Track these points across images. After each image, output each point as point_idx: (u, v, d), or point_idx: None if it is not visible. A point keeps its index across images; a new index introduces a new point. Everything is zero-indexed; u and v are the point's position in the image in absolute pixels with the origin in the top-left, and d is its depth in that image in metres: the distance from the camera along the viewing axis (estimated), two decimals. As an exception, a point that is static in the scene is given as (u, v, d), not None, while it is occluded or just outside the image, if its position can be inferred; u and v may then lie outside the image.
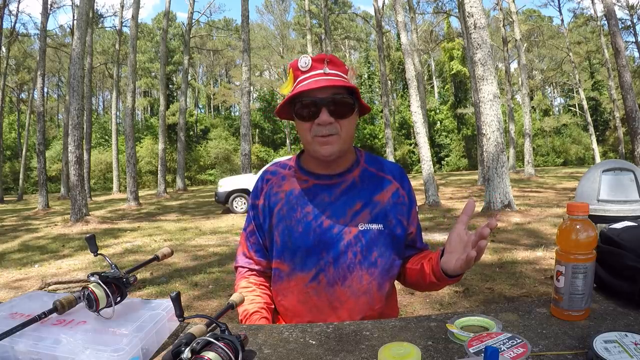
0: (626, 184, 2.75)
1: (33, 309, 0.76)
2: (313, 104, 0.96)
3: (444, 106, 33.50)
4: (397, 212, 1.05)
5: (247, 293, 1.08)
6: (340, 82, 0.94)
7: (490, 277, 3.69)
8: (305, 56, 0.98)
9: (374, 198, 1.04)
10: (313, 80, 0.95)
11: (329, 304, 1.02)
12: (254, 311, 1.04)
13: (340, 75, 0.98)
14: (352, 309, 1.02)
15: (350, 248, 1.01)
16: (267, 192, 1.11)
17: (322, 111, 0.95)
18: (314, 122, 0.97)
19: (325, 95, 0.95)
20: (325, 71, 0.96)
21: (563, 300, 0.77)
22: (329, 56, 0.99)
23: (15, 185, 27.63)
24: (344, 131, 0.99)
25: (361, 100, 1.01)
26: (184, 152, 20.33)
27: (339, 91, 0.96)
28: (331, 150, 0.99)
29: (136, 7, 14.14)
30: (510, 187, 6.85)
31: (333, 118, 0.96)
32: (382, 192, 1.06)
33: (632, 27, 23.14)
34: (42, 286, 4.04)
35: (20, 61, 26.17)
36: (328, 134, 0.97)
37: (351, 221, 1.02)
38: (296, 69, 0.99)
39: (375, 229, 1.02)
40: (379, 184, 1.07)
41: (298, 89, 0.96)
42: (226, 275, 4.20)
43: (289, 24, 38.65)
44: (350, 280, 1.01)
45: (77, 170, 8.40)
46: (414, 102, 9.14)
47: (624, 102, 10.49)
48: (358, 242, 1.01)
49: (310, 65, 0.97)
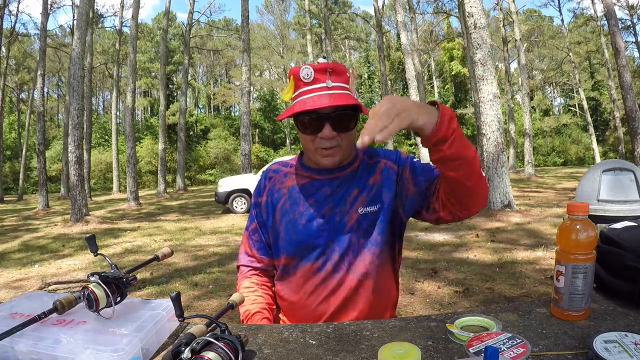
0: (626, 184, 2.75)
1: (33, 309, 0.76)
2: (317, 119, 0.96)
3: (444, 106, 33.45)
4: (390, 184, 1.06)
5: (248, 293, 1.08)
6: (344, 101, 0.94)
7: (490, 277, 3.69)
8: (307, 67, 0.97)
9: (368, 182, 1.06)
10: (317, 95, 0.95)
11: (335, 291, 1.04)
12: (256, 311, 1.04)
13: (344, 87, 0.98)
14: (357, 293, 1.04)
15: (352, 233, 1.04)
16: (270, 189, 1.13)
17: (325, 126, 0.96)
18: (316, 135, 0.98)
19: (329, 110, 0.96)
20: (328, 85, 0.95)
21: (563, 300, 0.77)
22: (331, 65, 0.97)
23: (15, 185, 27.62)
24: (345, 142, 1.01)
25: (364, 108, 1.00)
26: (184, 152, 20.32)
27: (343, 107, 0.96)
28: (333, 161, 1.02)
29: (136, 7, 14.15)
30: (510, 187, 6.85)
31: (336, 132, 0.97)
32: (374, 174, 1.07)
33: (632, 27, 23.15)
34: (42, 286, 4.04)
35: (20, 61, 26.19)
36: (330, 147, 0.99)
37: (351, 208, 1.04)
38: (298, 78, 0.98)
39: (373, 210, 1.04)
40: (372, 168, 1.09)
41: (301, 106, 0.95)
42: (226, 275, 4.20)
43: (289, 24, 38.65)
44: (356, 264, 1.04)
45: (77, 170, 8.40)
46: (414, 102, 9.13)
47: (624, 102, 10.50)
48: (360, 227, 1.04)
49: (313, 77, 0.96)
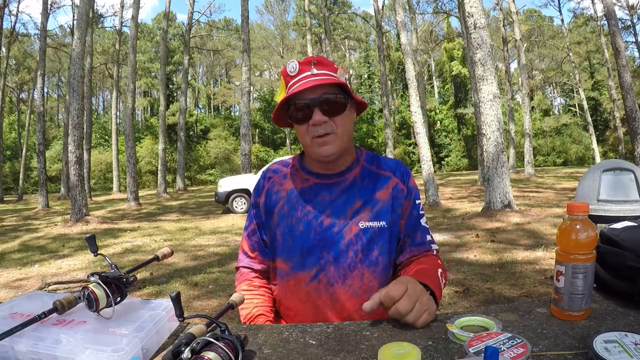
0: (626, 184, 2.75)
1: (33, 309, 0.76)
2: (305, 106, 0.97)
3: (444, 106, 33.48)
4: (398, 206, 1.05)
5: (250, 296, 1.08)
6: (328, 80, 0.95)
7: (490, 277, 3.69)
8: (293, 61, 1.00)
9: (374, 196, 1.04)
10: (301, 83, 0.96)
11: (330, 303, 1.02)
12: (259, 314, 1.04)
13: (329, 75, 0.98)
14: (353, 309, 1.01)
15: (351, 247, 1.01)
16: (268, 190, 1.11)
17: (314, 111, 0.96)
18: (308, 123, 0.98)
19: (315, 95, 0.96)
20: (313, 72, 0.97)
21: (563, 300, 0.77)
22: (316, 57, 1.00)
23: (15, 185, 27.63)
24: (340, 129, 0.99)
25: (354, 95, 1.01)
26: (184, 152, 20.34)
27: (329, 90, 0.97)
28: (330, 151, 0.99)
29: (136, 8, 14.15)
30: (510, 187, 6.85)
31: (327, 117, 0.97)
32: (382, 189, 1.05)
33: (632, 27, 23.17)
34: (42, 286, 4.04)
35: (20, 61, 26.15)
36: (324, 133, 0.98)
37: (351, 220, 1.02)
38: (286, 75, 1.01)
39: (376, 226, 1.02)
40: (379, 181, 1.06)
41: (288, 93, 0.97)
42: (226, 275, 4.20)
43: (288, 24, 38.64)
44: (351, 279, 1.01)
45: (77, 170, 8.40)
46: (413, 102, 9.14)
47: (624, 102, 10.50)
48: (359, 241, 1.01)
49: (298, 69, 0.98)
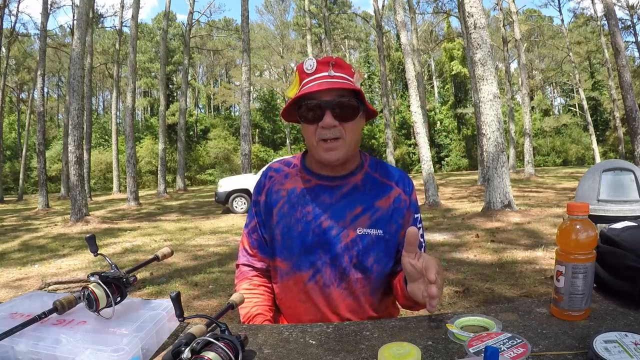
0: (626, 184, 2.75)
1: (33, 309, 0.76)
2: (317, 107, 0.95)
3: (444, 106, 33.47)
4: (399, 217, 1.04)
5: (249, 295, 1.08)
6: (344, 85, 0.93)
7: (490, 277, 3.69)
8: (311, 59, 0.97)
9: (375, 203, 1.03)
10: (317, 82, 0.94)
11: (327, 304, 1.03)
12: (257, 314, 1.04)
13: (345, 78, 0.96)
14: (348, 311, 1.03)
15: (346, 251, 1.01)
16: (269, 188, 1.11)
17: (326, 114, 0.94)
18: (318, 125, 0.96)
19: (330, 98, 0.94)
20: (330, 74, 0.95)
21: (563, 300, 0.77)
22: (334, 59, 0.97)
23: (15, 185, 27.62)
24: (348, 135, 0.97)
25: (367, 103, 1.00)
26: (184, 152, 20.33)
27: (344, 94, 0.95)
28: (336, 157, 0.98)
29: (136, 7, 14.15)
30: (510, 187, 6.85)
31: (337, 121, 0.95)
32: (384, 198, 1.04)
33: (632, 27, 23.18)
34: (42, 286, 4.03)
35: (20, 61, 26.15)
36: (332, 138, 0.96)
37: (350, 225, 1.01)
38: (302, 71, 0.98)
39: (374, 234, 1.01)
40: (381, 189, 1.05)
41: (302, 91, 0.95)
42: (226, 275, 4.20)
43: (288, 24, 38.62)
44: (346, 282, 1.02)
45: (77, 170, 8.40)
46: (413, 102, 9.14)
47: (624, 102, 10.50)
48: (355, 246, 1.01)
49: (315, 68, 0.96)
